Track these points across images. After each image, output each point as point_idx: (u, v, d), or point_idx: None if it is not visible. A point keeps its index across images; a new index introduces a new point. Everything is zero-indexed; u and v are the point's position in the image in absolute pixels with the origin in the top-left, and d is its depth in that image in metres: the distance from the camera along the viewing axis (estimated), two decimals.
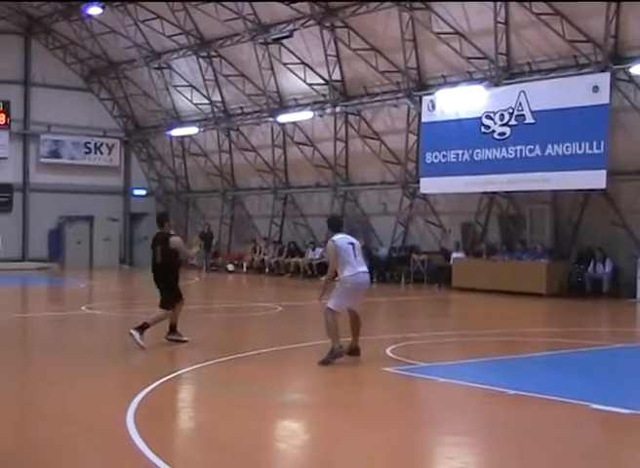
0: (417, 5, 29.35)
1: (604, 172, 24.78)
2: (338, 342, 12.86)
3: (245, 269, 37.73)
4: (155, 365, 13.07)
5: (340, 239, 13.24)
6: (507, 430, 9.21)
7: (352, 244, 13.18)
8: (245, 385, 11.45)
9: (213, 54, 37.12)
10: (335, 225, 13.66)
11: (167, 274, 14.79)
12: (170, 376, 11.70)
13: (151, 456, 7.77)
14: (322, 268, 32.63)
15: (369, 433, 8.97)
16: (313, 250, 34.56)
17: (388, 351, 13.54)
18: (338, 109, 33.77)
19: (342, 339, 12.86)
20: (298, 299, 25.78)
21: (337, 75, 33.39)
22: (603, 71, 25.23)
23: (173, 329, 14.86)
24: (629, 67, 24.96)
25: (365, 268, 13.31)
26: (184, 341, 14.69)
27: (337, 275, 13.12)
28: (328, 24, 31.83)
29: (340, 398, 10.95)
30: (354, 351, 13.21)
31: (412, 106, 31.25)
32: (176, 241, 14.90)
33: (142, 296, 24.28)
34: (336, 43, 32.51)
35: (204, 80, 38.16)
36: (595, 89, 24.99)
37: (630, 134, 25.43)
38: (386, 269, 31.96)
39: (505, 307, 23.72)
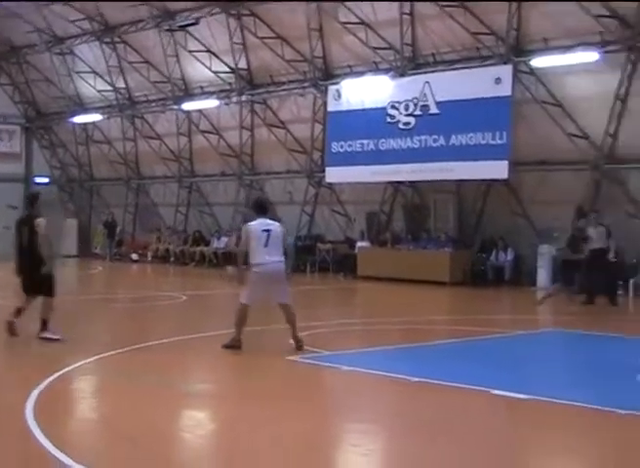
0: None
1: (506, 162, 25.20)
2: (238, 334, 12.81)
3: (150, 258, 37.36)
4: (56, 356, 12.73)
5: (255, 224, 12.90)
6: (411, 417, 9.30)
7: (268, 231, 12.77)
8: (149, 375, 11.34)
9: (117, 40, 36.60)
10: (256, 208, 13.28)
11: (33, 259, 13.52)
12: (71, 367, 11.49)
13: (52, 450, 7.60)
14: (227, 257, 32.55)
15: (273, 422, 8.96)
16: (218, 238, 34.41)
17: (291, 340, 13.55)
18: (243, 98, 33.62)
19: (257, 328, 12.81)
20: (202, 288, 25.68)
21: (243, 63, 33.23)
22: (505, 63, 25.63)
23: (44, 325, 13.65)
24: (530, 60, 25.40)
25: (277, 258, 12.82)
26: (57, 340, 13.46)
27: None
28: (234, 12, 31.64)
29: (245, 387, 10.93)
30: (297, 342, 12.96)
31: (318, 95, 31.30)
32: (40, 223, 13.56)
33: None
34: (242, 31, 32.35)
35: (108, 66, 37.62)
36: (498, 81, 25.37)
37: (531, 125, 25.89)
38: (293, 258, 31.91)
39: (410, 295, 23.97)
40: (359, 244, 29.64)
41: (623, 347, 14.32)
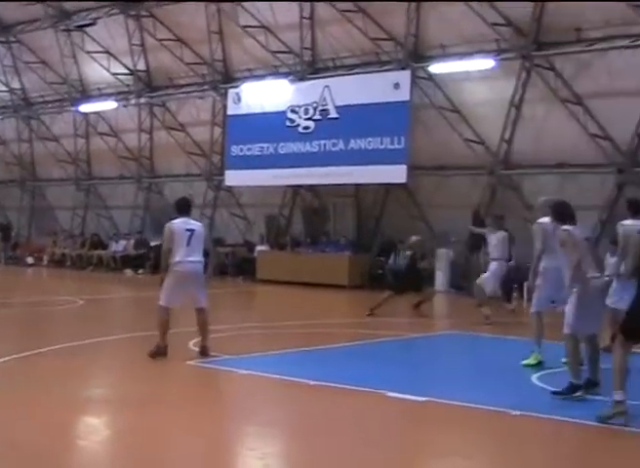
0: None
1: (404, 166, 25.47)
2: (163, 340, 12.45)
3: (45, 262, 36.60)
4: None
5: (178, 223, 12.62)
6: (308, 420, 9.32)
7: (191, 230, 12.47)
8: (44, 381, 11.12)
9: (12, 39, 35.87)
10: (179, 208, 12.90)
11: None
12: None
13: None
14: (126, 261, 32.17)
15: (170, 427, 8.89)
16: (117, 242, 33.92)
17: (191, 344, 13.44)
18: (142, 100, 33.33)
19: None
20: (100, 293, 25.29)
21: (142, 65, 32.96)
22: (404, 69, 25.94)
23: None
24: (428, 66, 25.77)
25: (196, 258, 12.48)
26: None
27: None
28: (133, 13, 31.34)
29: (143, 392, 10.77)
30: (203, 350, 12.65)
31: (217, 99, 31.20)
32: None
33: None
34: (141, 32, 32.08)
35: (2, 66, 36.89)
36: (396, 86, 25.64)
37: (429, 130, 26.24)
38: None
39: (309, 299, 24.03)
40: (258, 247, 29.61)
41: (517, 349, 14.58)
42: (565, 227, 10.43)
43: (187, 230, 12.52)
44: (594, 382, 10.26)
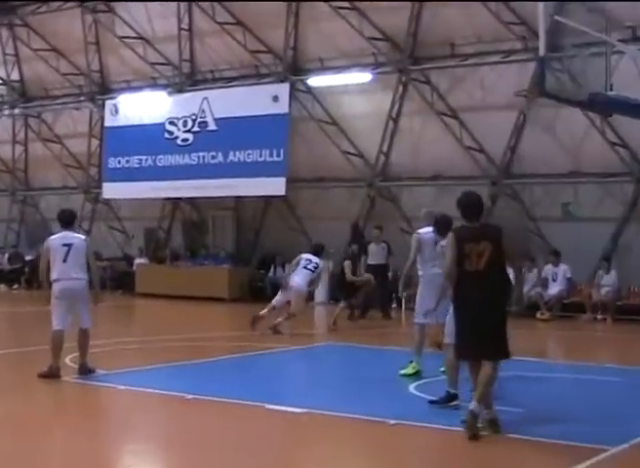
0: (100, 7, 29.01)
1: (284, 179, 25.53)
2: (56, 362, 12.06)
3: None
4: None
5: (55, 238, 12.25)
6: (186, 434, 9.23)
7: (69, 245, 12.04)
8: None
9: None
10: (60, 220, 12.44)
11: None
12: None
13: None
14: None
15: (45, 446, 8.68)
16: None
17: (68, 360, 13.16)
18: (16, 111, 32.58)
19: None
20: None
21: (15, 75, 32.23)
22: (283, 82, 26.04)
23: None
24: (307, 79, 25.93)
25: (76, 274, 12.04)
26: None
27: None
28: (6, 22, 30.69)
29: (15, 411, 10.50)
30: (82, 368, 12.26)
31: (95, 110, 30.74)
32: None
33: None
34: (15, 42, 31.39)
35: None
36: (275, 98, 25.72)
37: (308, 143, 26.40)
38: None
39: (189, 312, 23.83)
40: (137, 261, 29.25)
41: (395, 360, 14.76)
42: (443, 242, 10.65)
43: (64, 245, 12.10)
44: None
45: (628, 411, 10.47)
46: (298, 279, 18.07)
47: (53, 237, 12.37)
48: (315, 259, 18.31)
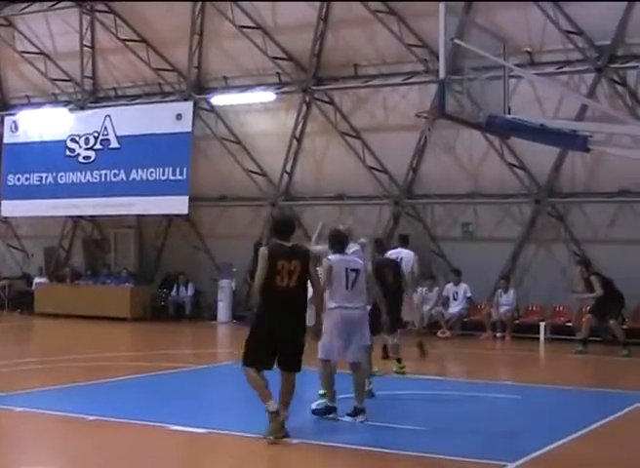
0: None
1: (186, 197, 25.41)
2: None
3: None
4: None
5: None
6: (87, 456, 9.11)
7: None
8: None
9: None
10: None
11: None
12: None
13: None
14: None
15: None
16: None
17: None
18: None
19: None
20: None
21: None
22: (186, 100, 25.95)
23: None
24: (210, 97, 25.90)
25: None
26: None
27: None
28: None
29: None
30: None
31: None
32: None
33: None
34: None
35: None
36: (179, 117, 25.62)
37: (212, 161, 26.35)
38: None
39: (90, 332, 23.49)
40: (37, 280, 28.75)
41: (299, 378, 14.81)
42: (329, 257, 10.91)
43: None
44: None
45: (526, 428, 10.70)
46: None
47: None
48: None
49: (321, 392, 11.15)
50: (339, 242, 11.13)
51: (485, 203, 22.94)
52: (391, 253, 16.54)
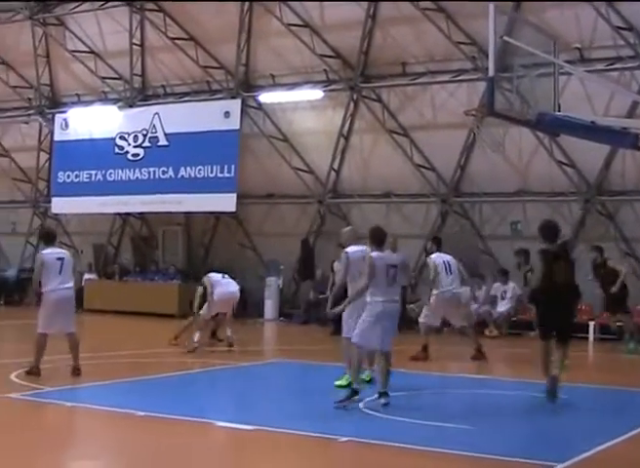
0: (51, 21, 28.82)
1: (234, 195, 25.52)
2: (37, 362, 13.14)
3: None
4: None
5: (48, 253, 13.39)
6: (135, 451, 9.17)
7: (61, 258, 13.31)
8: None
9: None
10: (45, 238, 14.08)
11: None
12: None
13: None
14: None
15: None
16: None
17: (13, 376, 13.04)
18: None
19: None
20: None
21: None
22: (234, 98, 26.05)
23: None
24: (258, 95, 25.96)
25: (68, 284, 13.38)
26: None
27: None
28: None
29: None
30: (75, 371, 13.38)
31: (44, 124, 30.49)
32: None
33: None
34: None
35: None
36: (227, 114, 25.73)
37: (259, 159, 26.43)
38: (15, 290, 30.80)
39: (138, 328, 23.68)
40: (86, 276, 29.01)
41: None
42: (372, 253, 11.44)
43: (58, 259, 13.35)
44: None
45: (575, 428, 10.61)
46: (232, 288, 18.26)
47: (45, 251, 13.54)
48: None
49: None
50: (379, 239, 11.56)
51: (534, 201, 22.77)
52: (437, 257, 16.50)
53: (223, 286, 18.02)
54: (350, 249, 12.57)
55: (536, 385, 12.73)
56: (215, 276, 18.15)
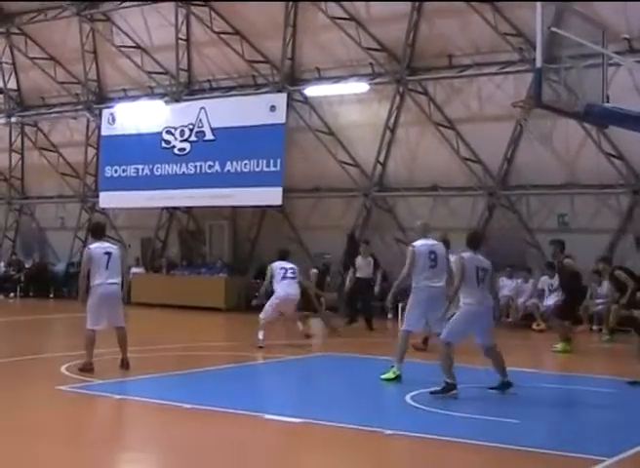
0: (98, 17, 29.05)
1: (280, 189, 25.57)
2: (90, 357, 13.15)
3: None
4: None
5: (96, 247, 13.34)
6: (183, 443, 9.21)
7: (109, 253, 13.23)
8: None
9: None
10: (93, 232, 14.11)
11: None
12: None
13: None
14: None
15: (41, 456, 8.65)
16: None
17: (63, 369, 13.18)
18: (13, 119, 32.59)
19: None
20: None
21: (12, 84, 32.26)
22: (280, 92, 26.08)
23: None
24: (304, 89, 25.98)
25: (115, 279, 13.32)
26: None
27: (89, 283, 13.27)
28: (3, 31, 30.72)
29: (11, 418, 10.47)
30: (123, 363, 13.50)
31: (91, 119, 30.76)
32: None
33: None
34: (12, 50, 31.43)
35: None
36: (272, 108, 25.76)
37: (305, 153, 26.44)
38: (64, 284, 31.13)
39: (185, 322, 23.80)
40: (133, 270, 29.21)
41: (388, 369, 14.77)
42: (462, 254, 11.81)
43: (105, 253, 13.28)
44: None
45: (624, 422, 10.49)
46: (290, 290, 17.91)
47: (93, 246, 13.52)
48: (289, 265, 18.17)
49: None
50: (475, 243, 12.05)
51: (581, 193, 22.56)
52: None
53: (284, 287, 17.79)
54: (418, 242, 12.85)
55: (582, 379, 12.62)
56: (278, 273, 17.84)
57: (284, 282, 17.54)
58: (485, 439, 9.18)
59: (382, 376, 12.71)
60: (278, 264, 17.83)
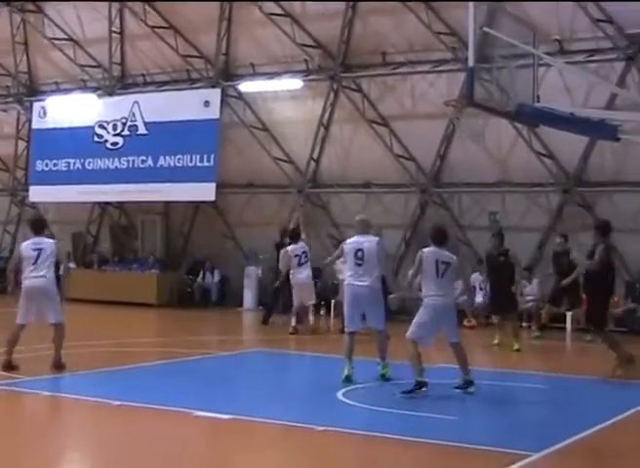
0: (29, 7, 28.63)
1: (214, 184, 25.48)
2: (8, 355, 13.02)
3: None
4: None
5: (26, 244, 13.27)
6: (113, 441, 9.15)
7: (39, 249, 13.05)
8: None
9: None
10: (31, 227, 13.72)
11: None
12: None
13: None
14: None
15: None
16: None
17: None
18: None
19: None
20: None
21: None
22: (214, 87, 25.99)
23: None
24: (238, 85, 25.91)
25: (41, 273, 13.03)
26: None
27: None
28: None
29: None
30: (56, 364, 13.18)
31: (22, 112, 30.32)
32: None
33: None
34: None
35: None
36: (206, 104, 25.65)
37: (239, 148, 26.37)
38: None
39: (117, 318, 23.57)
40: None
41: (322, 366, 14.82)
42: (423, 249, 11.88)
43: (36, 250, 13.10)
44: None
45: (551, 418, 10.65)
46: (303, 276, 18.41)
47: (25, 243, 13.47)
48: (300, 248, 18.37)
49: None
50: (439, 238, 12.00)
51: (512, 192, 22.84)
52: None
53: (297, 272, 18.12)
54: (349, 240, 12.88)
55: (511, 375, 12.77)
56: (293, 258, 18.15)
57: (299, 269, 18.59)
58: (418, 435, 9.25)
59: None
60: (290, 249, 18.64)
